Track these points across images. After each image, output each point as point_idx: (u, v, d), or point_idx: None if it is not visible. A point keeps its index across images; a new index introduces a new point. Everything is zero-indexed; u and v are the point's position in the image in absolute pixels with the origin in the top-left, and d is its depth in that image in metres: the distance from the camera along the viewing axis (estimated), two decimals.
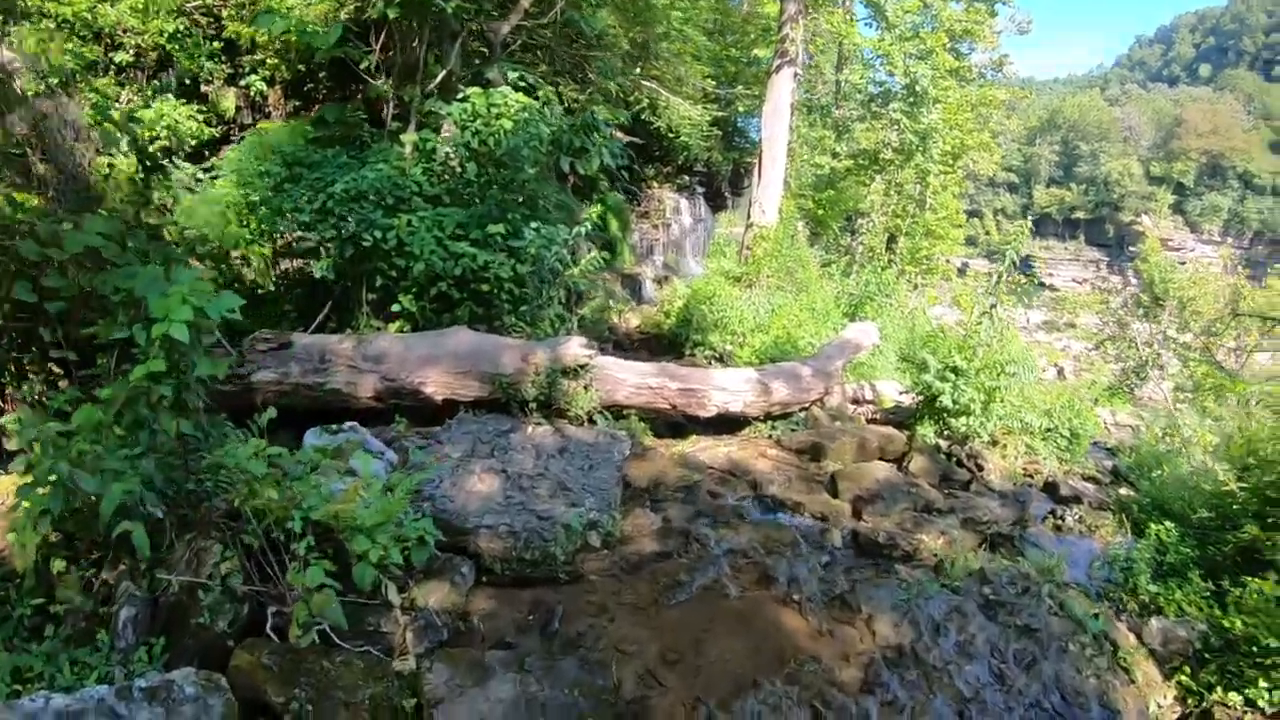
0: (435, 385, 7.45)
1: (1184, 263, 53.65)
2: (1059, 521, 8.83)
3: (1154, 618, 6.66)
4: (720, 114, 23.42)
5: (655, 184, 25.35)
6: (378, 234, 7.79)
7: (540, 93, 8.84)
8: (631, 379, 8.29)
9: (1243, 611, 6.21)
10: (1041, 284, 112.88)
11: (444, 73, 10.22)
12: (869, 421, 10.95)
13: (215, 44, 13.12)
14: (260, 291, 9.31)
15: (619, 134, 20.96)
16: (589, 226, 8.40)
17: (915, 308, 16.88)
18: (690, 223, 26.36)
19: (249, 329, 7.55)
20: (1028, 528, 8.27)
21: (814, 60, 24.75)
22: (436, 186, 8.72)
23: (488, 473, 6.22)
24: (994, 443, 10.32)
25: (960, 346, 10.00)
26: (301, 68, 13.05)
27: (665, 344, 14.09)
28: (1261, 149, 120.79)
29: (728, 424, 9.37)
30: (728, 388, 8.93)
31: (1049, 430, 10.80)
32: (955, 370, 9.85)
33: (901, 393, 12.41)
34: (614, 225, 22.53)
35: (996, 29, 33.31)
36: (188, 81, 12.89)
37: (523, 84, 8.86)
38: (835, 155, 30.85)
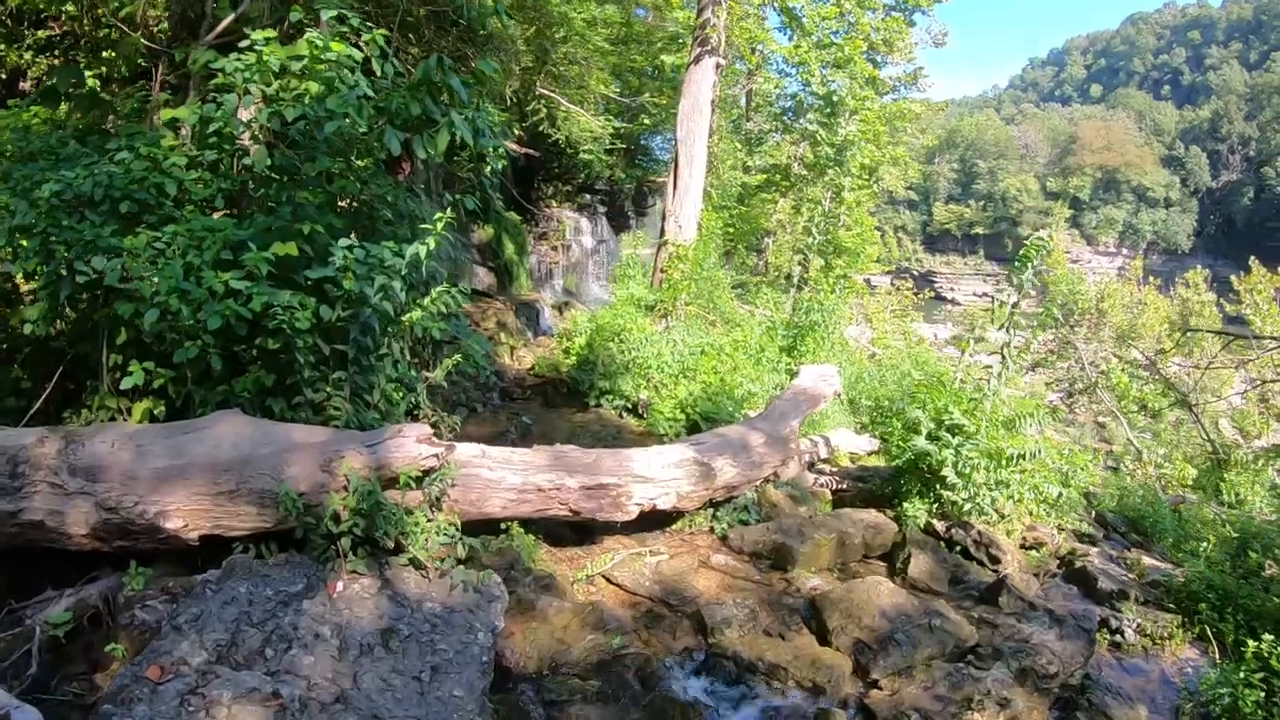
0: (184, 515, 4.40)
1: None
2: (1116, 636, 6.40)
3: None
4: (624, 125, 21.22)
5: (554, 203, 23.98)
6: (102, 263, 4.94)
7: (365, 39, 5.86)
8: (511, 479, 5.41)
9: None
10: (943, 298, 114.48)
11: (232, 16, 7.33)
12: (834, 493, 8.43)
13: None
14: None
15: (513, 146, 18.82)
16: (434, 243, 5.48)
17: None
18: (592, 244, 24.99)
19: None
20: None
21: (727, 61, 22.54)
22: (210, 187, 5.84)
23: (247, 703, 3.41)
24: (1000, 515, 7.90)
25: (959, 398, 7.57)
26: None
27: (565, 391, 11.34)
28: (1154, 163, 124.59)
29: (655, 517, 6.65)
30: (654, 476, 6.14)
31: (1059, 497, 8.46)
32: (956, 430, 7.40)
33: (871, 453, 10.01)
34: (509, 248, 20.46)
35: (913, 41, 32.28)
36: None
37: (344, 27, 5.94)
38: (747, 169, 29.13)
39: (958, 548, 7.45)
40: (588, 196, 25.63)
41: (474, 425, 9.33)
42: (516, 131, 18.78)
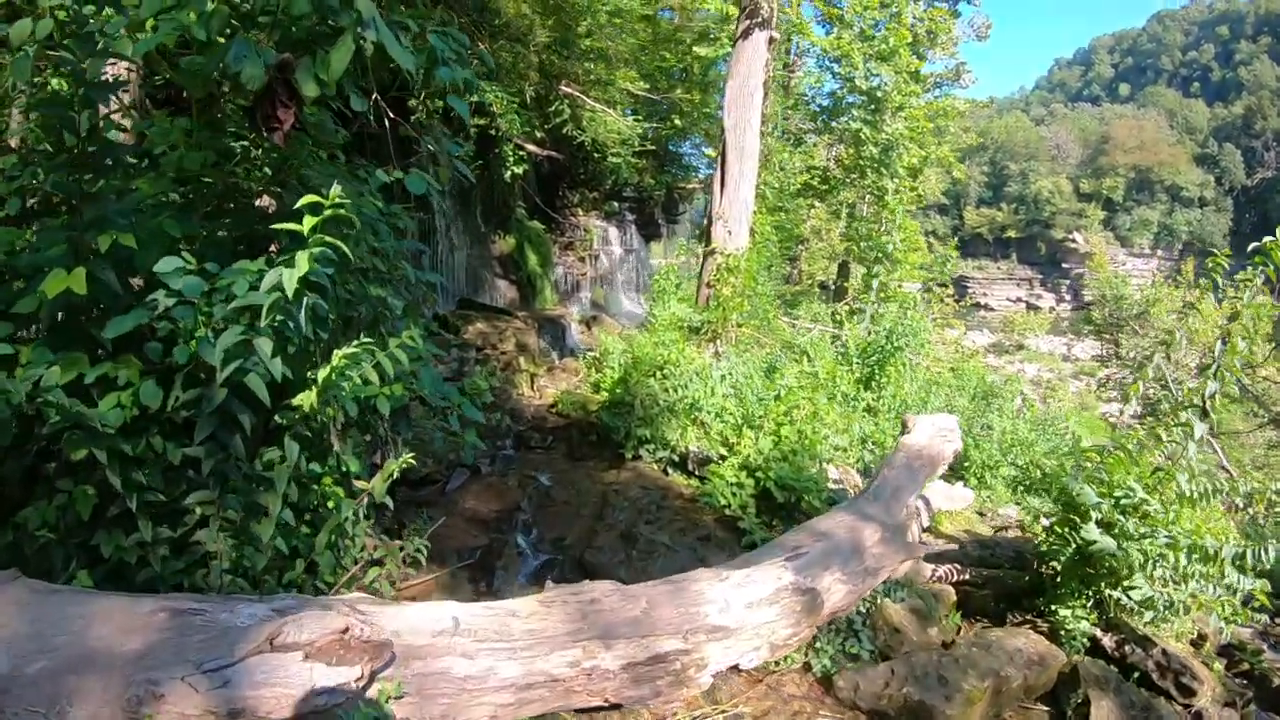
0: None
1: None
2: None
3: None
4: (654, 125, 19.59)
5: (580, 211, 22.41)
6: None
7: None
8: (506, 669, 3.23)
9: None
10: (977, 305, 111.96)
11: None
12: (956, 586, 6.38)
13: None
14: None
15: (534, 148, 17.23)
16: (354, 249, 3.25)
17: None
18: (621, 253, 23.63)
19: None
20: None
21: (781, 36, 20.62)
22: None
23: None
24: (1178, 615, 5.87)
25: (1136, 466, 5.52)
26: None
27: (594, 439, 9.29)
28: (1188, 162, 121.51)
29: None
30: (737, 626, 3.99)
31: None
32: (1134, 512, 5.38)
33: (971, 509, 8.01)
34: (532, 259, 18.95)
35: (957, 34, 30.45)
36: None
37: None
38: (783, 170, 27.42)
39: (1135, 673, 5.45)
40: (616, 204, 24.04)
41: (474, 496, 7.31)
42: (538, 134, 17.33)
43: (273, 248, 3.74)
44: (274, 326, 3.22)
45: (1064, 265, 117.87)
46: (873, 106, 22.56)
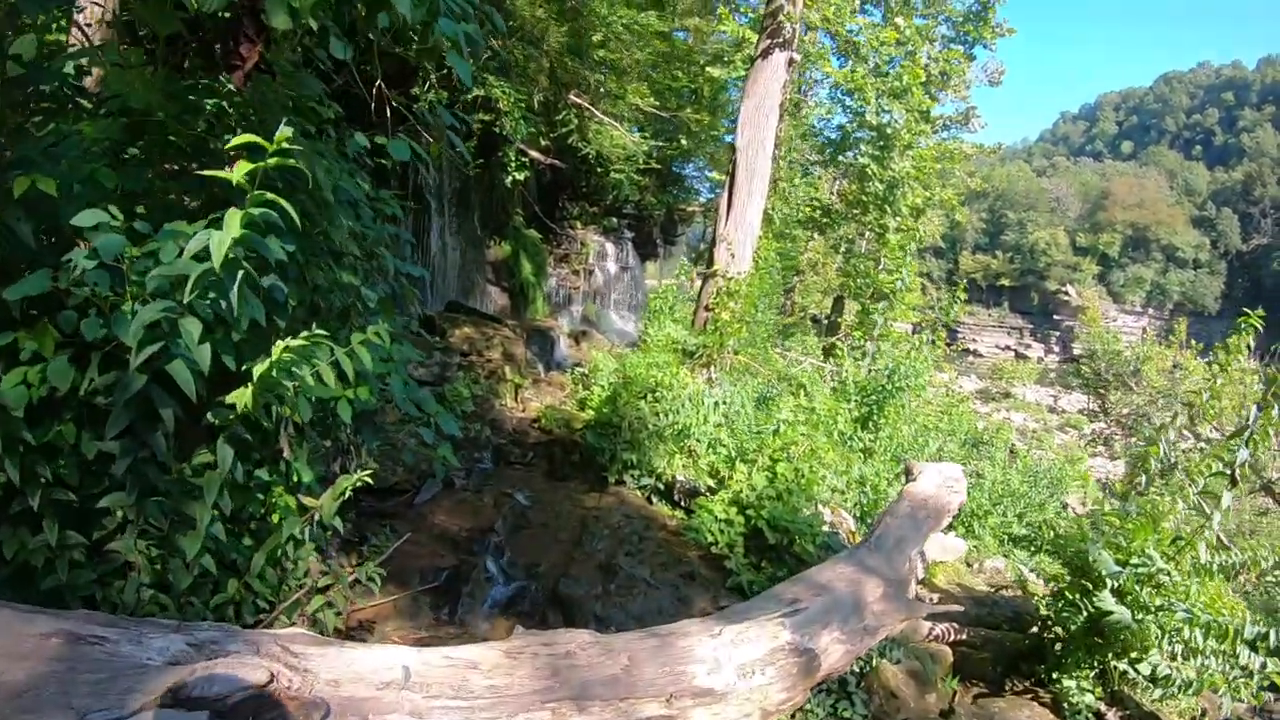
0: None
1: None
2: None
3: None
4: (660, 144, 19.35)
5: (578, 224, 22.30)
6: None
7: None
8: None
9: None
10: (966, 350, 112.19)
11: None
12: (953, 646, 5.95)
13: None
14: None
15: (537, 155, 16.97)
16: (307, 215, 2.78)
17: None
18: (616, 270, 23.42)
19: None
20: None
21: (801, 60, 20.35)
22: None
23: None
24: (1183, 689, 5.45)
25: (1157, 534, 5.12)
26: None
27: (577, 459, 8.83)
28: (1185, 223, 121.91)
29: None
30: (727, 689, 3.44)
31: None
32: (1149, 582, 4.98)
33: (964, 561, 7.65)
34: (526, 268, 18.68)
35: (970, 77, 30.36)
36: None
37: None
38: (788, 199, 27.25)
39: None
40: (615, 220, 23.76)
41: (445, 511, 6.82)
42: (543, 141, 17.06)
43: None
44: (209, 306, 2.71)
45: (1055, 317, 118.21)
46: (881, 143, 22.34)
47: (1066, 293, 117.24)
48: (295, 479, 3.37)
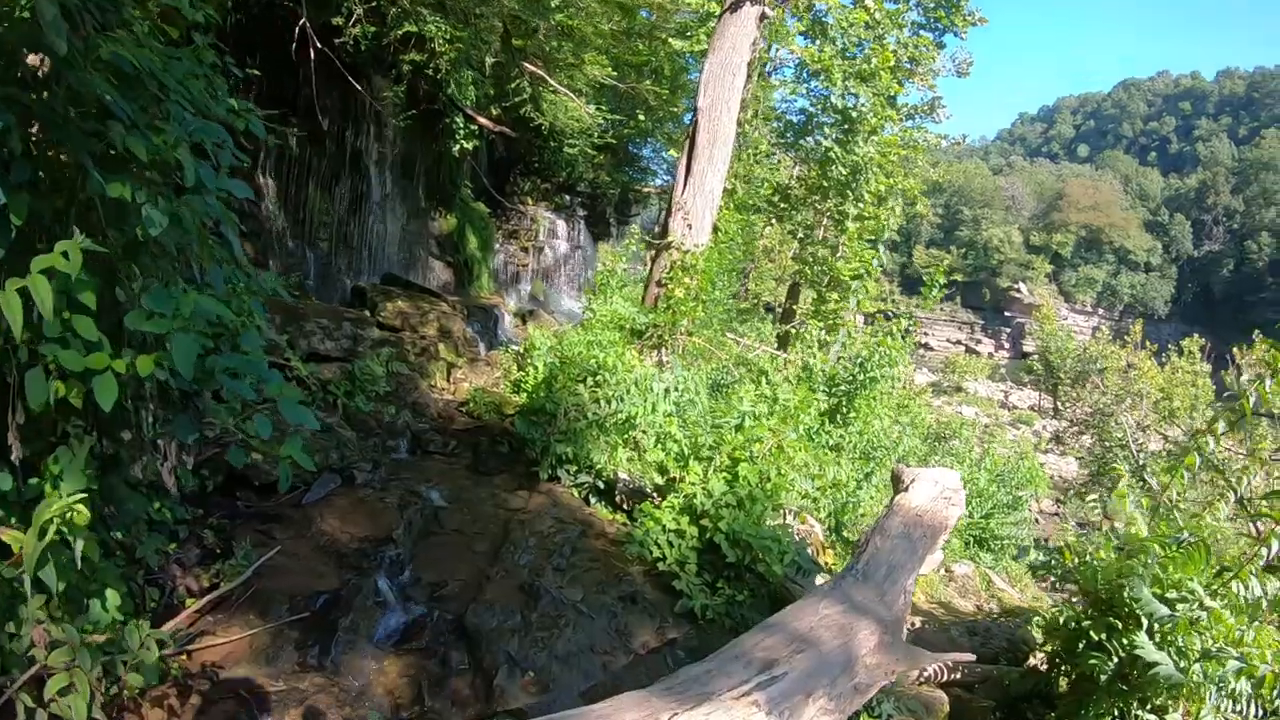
0: None
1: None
2: None
3: None
4: (617, 117, 18.42)
5: (529, 200, 21.76)
6: None
7: None
8: None
9: None
10: (918, 344, 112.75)
11: None
12: (945, 688, 4.99)
13: None
14: None
15: (486, 122, 15.96)
16: None
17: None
18: (567, 249, 22.90)
19: None
20: None
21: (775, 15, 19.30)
22: None
23: None
24: None
25: (1207, 559, 4.19)
26: None
27: (506, 449, 7.74)
28: (1138, 227, 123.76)
29: None
30: None
31: None
32: (1197, 624, 4.05)
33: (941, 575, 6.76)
34: (472, 242, 18.14)
35: (938, 66, 29.75)
36: None
37: None
38: (747, 182, 26.46)
39: None
40: (568, 197, 23.17)
41: (338, 513, 5.66)
42: (494, 110, 16.27)
43: None
44: None
45: (1006, 313, 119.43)
46: (846, 126, 21.48)
47: (1018, 290, 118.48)
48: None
